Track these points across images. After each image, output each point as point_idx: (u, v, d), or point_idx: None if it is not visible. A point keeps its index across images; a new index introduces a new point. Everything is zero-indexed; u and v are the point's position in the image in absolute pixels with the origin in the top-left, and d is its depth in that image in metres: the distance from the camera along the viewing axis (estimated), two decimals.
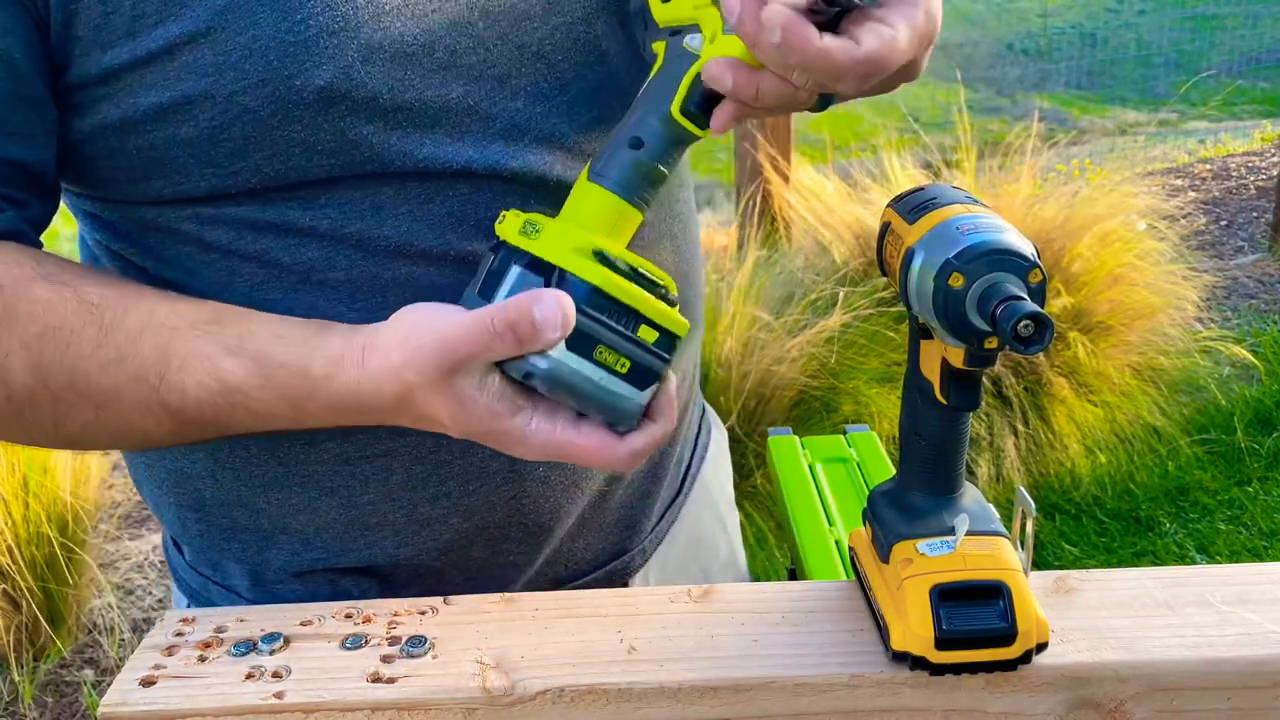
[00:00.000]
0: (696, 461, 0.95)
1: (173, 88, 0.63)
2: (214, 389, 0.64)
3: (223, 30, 0.62)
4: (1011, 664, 0.59)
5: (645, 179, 0.66)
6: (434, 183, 0.69)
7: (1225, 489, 2.95)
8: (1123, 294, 3.03)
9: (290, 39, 0.62)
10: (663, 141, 0.65)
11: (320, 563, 0.77)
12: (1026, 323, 0.52)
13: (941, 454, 0.63)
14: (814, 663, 0.60)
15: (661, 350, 0.65)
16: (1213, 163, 5.58)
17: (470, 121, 0.69)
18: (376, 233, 0.69)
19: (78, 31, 0.62)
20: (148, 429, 0.66)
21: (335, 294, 0.70)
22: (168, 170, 0.66)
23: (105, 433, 0.66)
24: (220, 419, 0.65)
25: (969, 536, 0.60)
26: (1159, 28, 8.89)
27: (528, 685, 0.59)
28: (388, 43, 0.65)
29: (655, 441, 0.66)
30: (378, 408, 0.64)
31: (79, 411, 0.64)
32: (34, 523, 2.29)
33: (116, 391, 0.64)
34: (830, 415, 2.72)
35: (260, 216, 0.68)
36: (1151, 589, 0.65)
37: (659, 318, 0.65)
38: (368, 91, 0.65)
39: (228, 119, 0.64)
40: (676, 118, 0.65)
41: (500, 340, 0.60)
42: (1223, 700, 0.60)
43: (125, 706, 0.59)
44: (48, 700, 2.33)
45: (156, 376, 0.63)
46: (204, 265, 0.69)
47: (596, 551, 0.84)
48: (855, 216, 3.18)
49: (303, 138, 0.65)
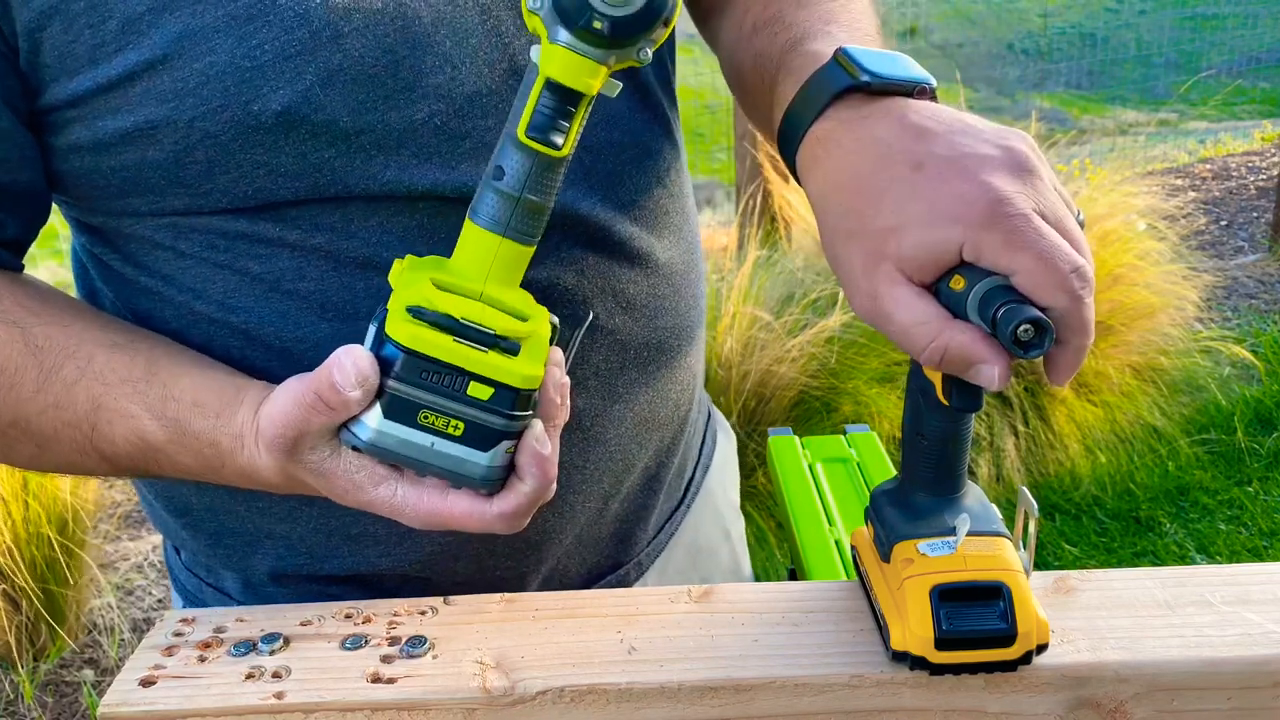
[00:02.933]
0: (700, 471, 0.94)
1: (135, 113, 0.63)
2: (139, 445, 0.66)
3: (180, 57, 0.62)
4: (1011, 665, 0.59)
5: (516, 211, 0.61)
6: (401, 202, 0.68)
7: (1225, 489, 2.95)
8: (1123, 294, 3.03)
9: (247, 64, 0.62)
10: (523, 169, 0.60)
11: (304, 569, 0.77)
12: (1026, 327, 0.52)
13: (943, 454, 0.63)
14: (814, 663, 0.60)
15: (498, 406, 0.60)
16: (1213, 163, 5.58)
17: (438, 142, 0.68)
18: (345, 245, 0.69)
19: (45, 59, 0.63)
20: (88, 467, 0.69)
21: (305, 304, 0.69)
22: (141, 189, 0.67)
23: (50, 465, 0.70)
24: (150, 469, 0.69)
25: (970, 537, 0.60)
26: (1159, 28, 8.89)
27: (528, 685, 0.59)
28: (348, 65, 0.64)
29: (527, 500, 0.62)
30: (276, 484, 0.66)
31: (23, 446, 0.68)
32: (34, 523, 2.29)
33: (55, 434, 0.67)
34: (830, 415, 2.72)
35: (232, 227, 0.68)
36: (1151, 589, 0.65)
37: (491, 372, 0.59)
38: (327, 115, 0.64)
39: (190, 143, 0.64)
40: (525, 141, 0.59)
41: (315, 411, 0.60)
42: (1223, 700, 0.60)
43: (125, 706, 0.59)
44: (48, 700, 2.33)
45: (89, 426, 0.66)
46: (180, 272, 0.70)
47: (590, 565, 0.83)
48: None
49: (265, 161, 0.65)
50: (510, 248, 0.62)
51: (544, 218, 0.62)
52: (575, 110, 0.60)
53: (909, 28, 8.87)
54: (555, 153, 0.60)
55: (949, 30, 9.41)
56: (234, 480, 0.67)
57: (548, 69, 0.58)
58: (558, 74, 0.58)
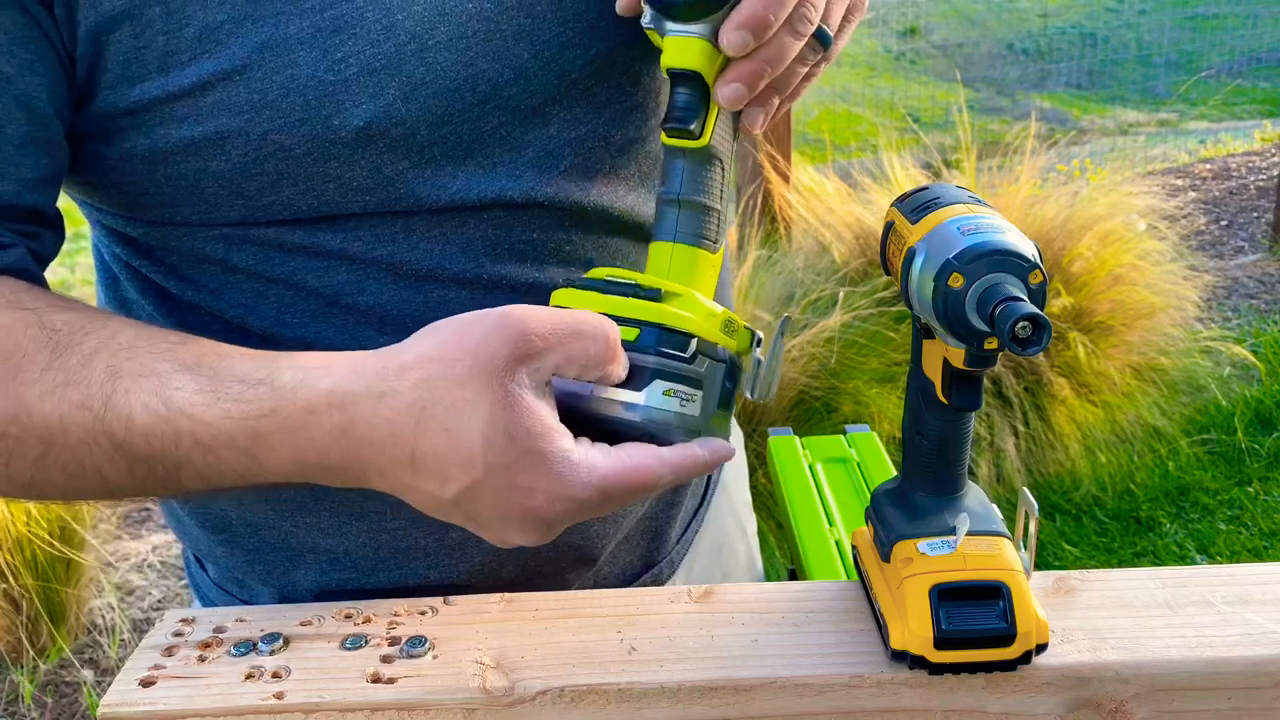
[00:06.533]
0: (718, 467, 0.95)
1: (205, 123, 0.61)
2: (160, 413, 0.54)
3: (259, 68, 0.60)
4: (1011, 664, 0.59)
5: (680, 214, 0.63)
6: (465, 212, 0.67)
7: (1225, 489, 2.95)
8: (1123, 294, 3.03)
9: (330, 78, 0.60)
10: (676, 171, 0.63)
11: (349, 583, 0.75)
12: (1024, 324, 0.52)
13: (943, 453, 0.63)
14: (814, 663, 0.60)
15: (645, 343, 0.60)
16: (1213, 163, 5.58)
17: (501, 151, 0.67)
18: (408, 257, 0.67)
19: (106, 64, 0.60)
20: (100, 467, 0.57)
21: (363, 318, 0.68)
22: (196, 199, 0.64)
23: (58, 473, 0.57)
24: (168, 454, 0.55)
25: (970, 536, 0.60)
26: (1159, 28, 8.89)
27: (528, 685, 0.59)
28: (431, 79, 0.63)
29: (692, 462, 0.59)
30: (366, 434, 0.53)
31: (26, 449, 0.56)
32: (34, 522, 2.29)
33: (60, 422, 0.55)
34: (830, 415, 2.72)
35: (289, 239, 0.66)
36: (1152, 589, 0.65)
37: (630, 311, 0.60)
38: (407, 129, 0.63)
39: (261, 155, 0.62)
40: (667, 141, 0.63)
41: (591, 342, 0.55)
42: (1223, 700, 0.60)
43: (125, 707, 0.59)
44: (48, 700, 2.33)
45: (101, 401, 0.55)
46: (229, 286, 0.68)
47: (624, 565, 0.83)
48: (855, 216, 3.18)
49: (337, 174, 0.63)
50: (684, 251, 0.64)
51: (711, 217, 0.64)
52: (701, 95, 0.62)
53: (909, 28, 8.87)
54: (695, 142, 0.62)
55: (949, 30, 9.40)
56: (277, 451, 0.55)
57: (665, 61, 0.62)
58: (672, 60, 0.62)
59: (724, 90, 0.61)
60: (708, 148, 0.63)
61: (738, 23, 0.59)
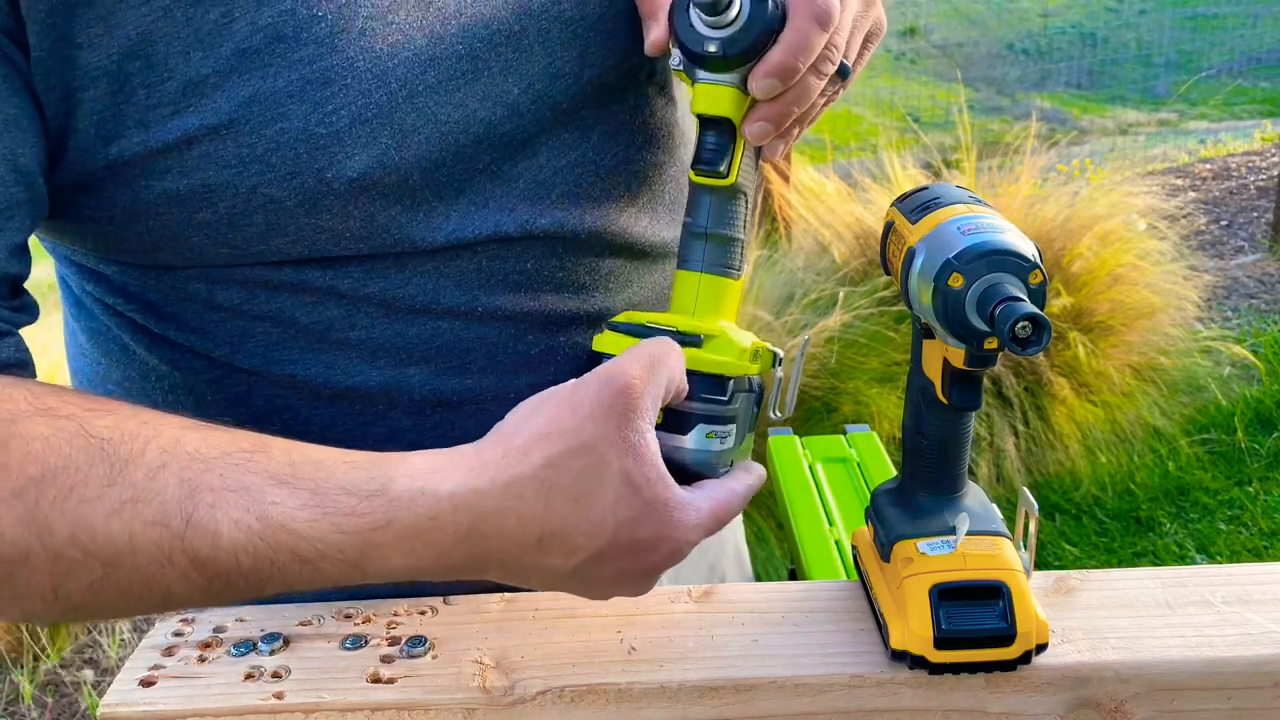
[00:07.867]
0: None
1: (190, 176, 0.59)
2: (254, 529, 0.51)
3: (248, 123, 0.58)
4: (1011, 664, 0.59)
5: (707, 246, 0.66)
6: (459, 248, 0.66)
7: (1225, 489, 2.95)
8: (1123, 294, 3.03)
9: (322, 130, 0.59)
10: (703, 206, 0.66)
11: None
12: (1024, 324, 0.52)
13: (943, 453, 0.63)
14: (814, 663, 0.60)
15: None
16: (1213, 163, 5.58)
17: (493, 187, 0.66)
18: (401, 293, 0.66)
19: (77, 124, 0.57)
20: (169, 587, 0.52)
21: (354, 352, 0.67)
22: (179, 246, 0.62)
23: (115, 595, 0.52)
24: (260, 570, 0.52)
25: (970, 536, 0.60)
26: (1159, 28, 8.90)
27: (528, 685, 0.59)
28: (423, 124, 0.62)
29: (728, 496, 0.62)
30: (495, 529, 0.52)
31: (83, 571, 0.51)
32: None
33: (130, 542, 0.51)
34: (830, 415, 2.72)
35: (276, 277, 0.64)
36: (1152, 589, 0.65)
37: None
38: (400, 175, 0.62)
39: (250, 208, 0.60)
40: (695, 179, 0.66)
41: (670, 368, 0.57)
42: (1223, 700, 0.60)
43: (125, 707, 0.59)
44: (48, 700, 2.33)
45: (182, 519, 0.51)
46: (213, 324, 0.65)
47: None
48: (855, 216, 3.18)
49: (329, 225, 0.62)
50: (711, 281, 0.67)
51: (735, 247, 0.67)
52: (729, 138, 0.65)
53: (909, 28, 8.88)
54: (723, 181, 0.65)
55: (949, 30, 9.41)
56: (389, 552, 0.53)
57: (695, 107, 0.65)
58: (702, 107, 0.64)
59: (751, 129, 0.64)
60: (735, 185, 0.66)
61: (767, 70, 0.61)
